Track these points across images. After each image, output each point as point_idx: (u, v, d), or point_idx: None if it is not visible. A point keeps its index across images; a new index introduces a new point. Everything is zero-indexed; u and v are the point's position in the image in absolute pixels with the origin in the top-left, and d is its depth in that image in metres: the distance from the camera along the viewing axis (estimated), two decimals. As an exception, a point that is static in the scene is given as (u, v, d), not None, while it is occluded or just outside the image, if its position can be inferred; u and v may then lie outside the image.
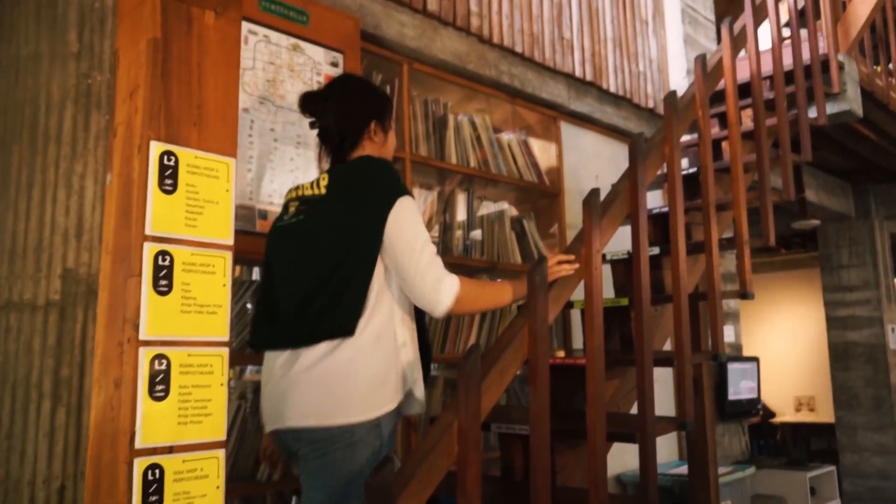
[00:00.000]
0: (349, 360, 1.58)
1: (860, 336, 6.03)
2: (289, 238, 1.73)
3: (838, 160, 5.47)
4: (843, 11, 3.82)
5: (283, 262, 1.73)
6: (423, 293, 1.64)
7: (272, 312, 1.70)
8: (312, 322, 1.60)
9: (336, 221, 1.66)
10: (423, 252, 1.64)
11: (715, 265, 2.42)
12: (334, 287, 1.60)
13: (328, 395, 1.57)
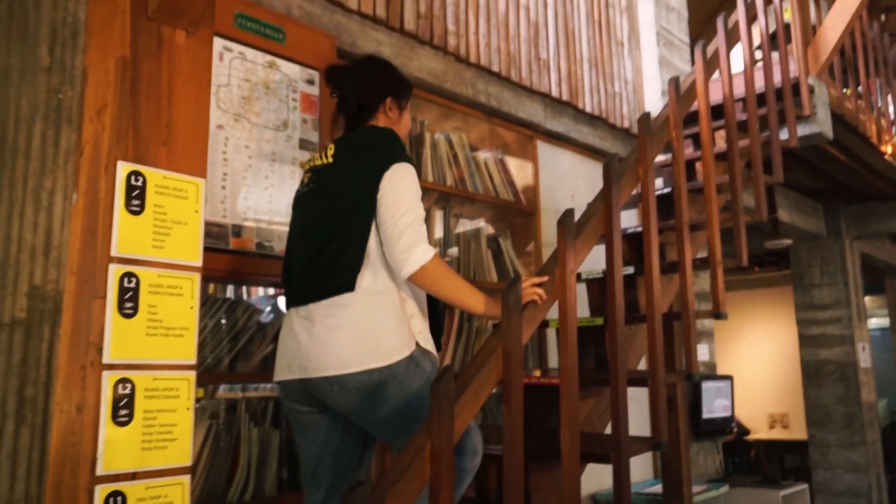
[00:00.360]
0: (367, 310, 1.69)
1: (832, 354, 6.11)
2: (301, 205, 1.86)
3: (810, 181, 5.56)
4: (813, 36, 3.89)
5: (296, 227, 1.86)
6: (395, 251, 1.68)
7: (289, 273, 1.84)
8: (316, 281, 1.71)
9: (339, 186, 1.76)
10: (406, 213, 1.70)
11: (688, 285, 2.44)
12: (335, 247, 1.71)
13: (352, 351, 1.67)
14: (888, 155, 4.87)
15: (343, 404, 1.72)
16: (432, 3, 3.07)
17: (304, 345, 1.72)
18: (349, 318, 1.69)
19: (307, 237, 1.79)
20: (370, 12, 2.81)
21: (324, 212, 1.77)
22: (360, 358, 1.66)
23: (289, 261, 1.86)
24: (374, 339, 1.68)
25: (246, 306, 2.57)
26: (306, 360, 1.71)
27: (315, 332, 1.70)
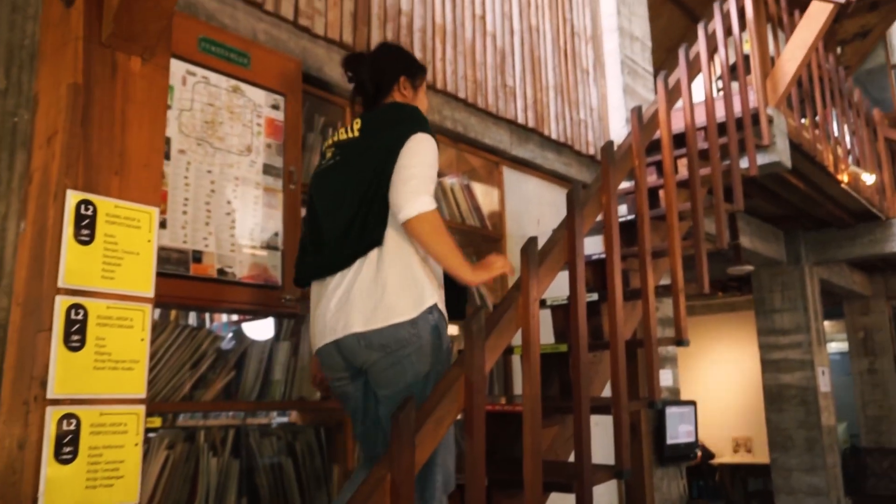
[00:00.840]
0: (391, 265, 1.82)
1: (793, 378, 6.20)
2: (328, 178, 1.96)
3: (770, 208, 5.67)
4: (771, 67, 3.99)
5: (324, 199, 1.95)
6: (399, 193, 1.78)
7: (318, 245, 1.92)
8: (355, 240, 1.83)
9: (366, 157, 1.87)
10: (418, 167, 1.81)
11: (651, 313, 2.45)
12: (365, 209, 1.83)
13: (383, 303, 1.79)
14: (844, 183, 4.99)
15: (368, 361, 1.83)
16: (399, 29, 3.09)
17: (333, 309, 1.84)
18: (379, 277, 1.81)
19: (339, 209, 1.88)
20: (336, 38, 2.82)
21: (353, 183, 1.87)
22: (380, 315, 1.79)
23: (313, 234, 1.96)
24: (394, 297, 1.80)
25: (207, 333, 2.52)
26: (335, 322, 1.84)
27: (343, 295, 1.83)
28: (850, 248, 6.24)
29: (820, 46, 4.92)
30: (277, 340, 2.66)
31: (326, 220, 1.92)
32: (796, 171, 4.57)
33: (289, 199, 2.51)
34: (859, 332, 8.82)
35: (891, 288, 8.97)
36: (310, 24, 2.72)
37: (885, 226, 6.09)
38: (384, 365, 1.82)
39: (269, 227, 2.43)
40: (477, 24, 3.53)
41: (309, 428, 2.73)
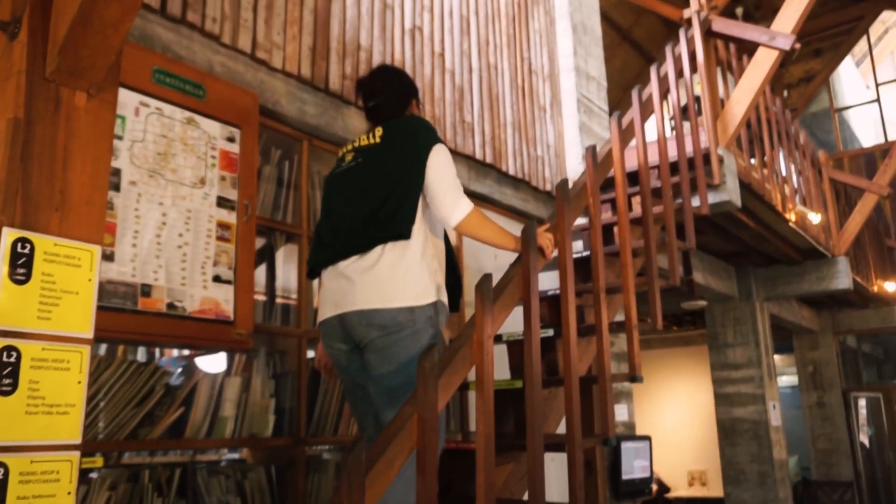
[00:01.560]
0: (405, 257, 2.06)
1: (745, 412, 6.29)
2: (349, 177, 2.22)
3: (722, 244, 5.81)
4: (721, 109, 4.11)
5: (345, 194, 2.20)
6: (443, 204, 2.11)
7: (334, 234, 2.16)
8: (378, 229, 2.07)
9: (391, 160, 2.15)
10: (449, 178, 2.15)
11: (605, 349, 2.47)
12: (392, 205, 2.08)
13: (393, 286, 2.03)
14: (792, 222, 5.14)
15: (366, 338, 2.04)
16: (358, 65, 3.10)
17: (344, 287, 2.08)
18: (394, 264, 2.05)
19: (361, 200, 2.14)
20: (295, 71, 2.82)
21: (377, 180, 2.14)
22: (396, 296, 2.02)
23: (330, 224, 2.20)
24: (410, 284, 2.04)
25: (155, 368, 2.45)
26: (341, 298, 2.08)
27: (357, 276, 2.06)
28: (798, 285, 6.41)
29: (767, 90, 5.10)
30: (228, 376, 2.61)
31: (347, 211, 2.16)
32: (746, 210, 4.69)
33: (243, 233, 2.48)
34: (808, 367, 9.02)
35: (838, 323, 9.22)
36: (267, 58, 2.72)
37: (831, 263, 6.27)
38: (380, 345, 2.02)
39: (223, 260, 2.40)
40: (436, 60, 3.57)
41: (259, 466, 2.67)
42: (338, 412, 2.92)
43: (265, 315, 2.76)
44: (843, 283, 6.22)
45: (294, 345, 2.81)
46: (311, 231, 2.90)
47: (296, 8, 2.87)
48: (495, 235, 2.20)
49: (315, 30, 2.94)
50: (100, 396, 2.20)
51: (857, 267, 7.49)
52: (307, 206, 2.91)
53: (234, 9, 2.63)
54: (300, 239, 2.85)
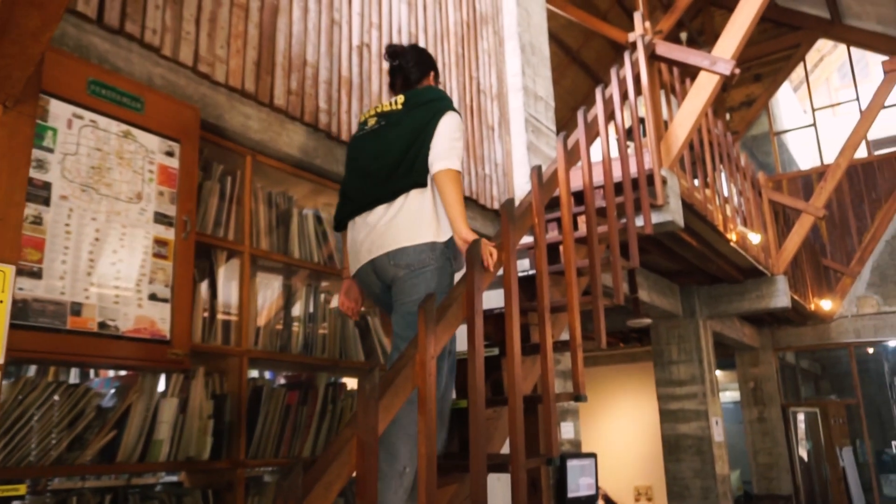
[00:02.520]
0: (425, 204, 2.43)
1: (689, 428, 6.39)
2: (373, 138, 2.58)
3: (667, 263, 5.92)
4: (665, 131, 4.20)
5: (370, 152, 2.56)
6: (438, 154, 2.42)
7: (360, 188, 2.53)
8: (399, 179, 2.44)
9: (412, 123, 2.50)
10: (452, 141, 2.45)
11: (549, 369, 2.47)
12: (410, 158, 2.44)
13: (414, 226, 2.40)
14: (733, 242, 5.27)
15: (395, 276, 2.42)
16: (304, 80, 3.07)
17: (373, 236, 2.45)
18: (414, 208, 2.41)
19: (384, 157, 2.49)
20: (238, 86, 2.77)
21: (398, 140, 2.49)
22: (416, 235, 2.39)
23: (354, 183, 2.58)
24: (428, 223, 2.41)
25: (86, 390, 2.36)
26: (371, 245, 2.45)
27: (383, 222, 2.43)
28: (739, 303, 6.57)
29: (709, 113, 5.23)
30: (164, 397, 2.52)
31: (373, 167, 2.51)
32: (689, 230, 4.79)
33: (182, 249, 2.41)
34: (750, 383, 9.24)
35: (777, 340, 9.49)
36: (210, 71, 2.66)
37: (771, 282, 6.45)
38: (406, 280, 2.40)
39: (159, 278, 2.32)
40: (384, 78, 3.55)
41: (196, 489, 2.58)
42: (279, 433, 2.85)
43: (205, 334, 2.68)
44: (782, 301, 6.40)
45: (235, 364, 2.73)
46: (253, 248, 2.84)
47: (240, 22, 2.82)
48: (455, 202, 2.38)
49: (260, 44, 2.90)
50: (24, 420, 2.10)
51: (795, 286, 7.73)
52: (250, 221, 2.85)
53: (176, 21, 2.58)
54: (242, 256, 2.79)
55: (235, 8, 2.82)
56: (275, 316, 3.00)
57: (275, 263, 3.01)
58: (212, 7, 2.72)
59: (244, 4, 2.86)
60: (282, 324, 3.01)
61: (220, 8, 2.75)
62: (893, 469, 11.50)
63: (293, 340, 3.03)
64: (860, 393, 9.64)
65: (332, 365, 3.13)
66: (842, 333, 9.33)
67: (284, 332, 3.01)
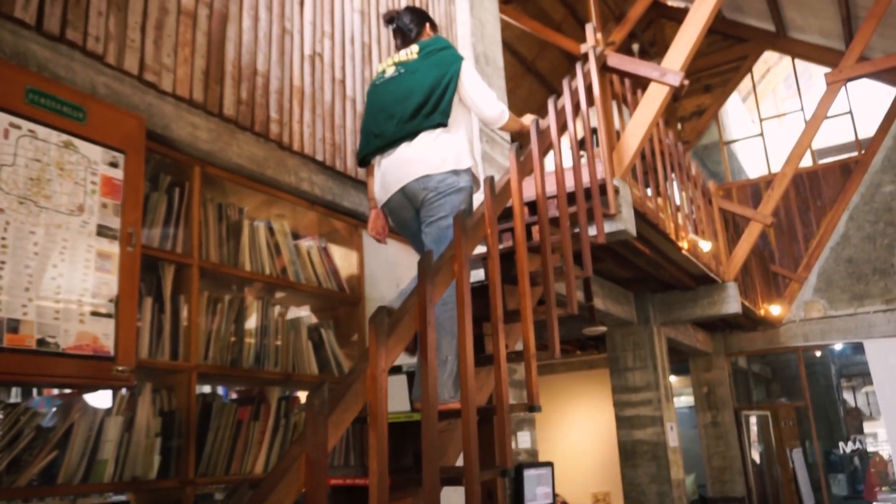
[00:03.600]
0: (446, 139, 2.82)
1: (645, 434, 6.47)
2: (395, 84, 2.94)
3: (621, 271, 5.99)
4: (617, 141, 4.25)
5: (394, 95, 2.90)
6: (491, 111, 2.97)
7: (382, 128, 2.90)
8: (424, 119, 2.81)
9: (428, 69, 2.88)
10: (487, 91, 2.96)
11: (503, 379, 2.46)
12: (433, 101, 2.82)
13: (439, 157, 2.79)
14: (685, 250, 5.36)
15: (424, 198, 2.80)
16: (254, 90, 3.03)
17: (402, 166, 2.82)
18: (437, 144, 2.81)
19: (407, 99, 2.85)
20: (186, 95, 2.71)
21: (420, 85, 2.85)
22: (441, 164, 2.78)
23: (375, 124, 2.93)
24: (450, 155, 2.81)
25: (24, 409, 2.28)
26: (401, 174, 2.82)
27: (411, 154, 2.81)
28: (692, 310, 6.68)
29: (660, 123, 5.32)
30: (109, 415, 2.44)
31: (397, 108, 2.86)
32: (642, 238, 4.86)
33: (126, 262, 2.34)
34: (703, 388, 9.40)
35: (730, 345, 9.68)
36: (157, 80, 2.61)
37: (722, 289, 6.57)
38: (434, 200, 2.78)
39: (102, 292, 2.25)
40: (337, 87, 3.53)
41: (143, 511, 2.51)
42: (230, 449, 2.79)
43: (152, 349, 2.61)
44: (733, 307, 6.53)
45: (184, 380, 2.67)
46: (202, 261, 2.79)
47: (188, 30, 2.77)
48: (514, 125, 3.12)
49: (209, 53, 2.85)
50: (-42, 443, 2.01)
51: (746, 292, 7.90)
52: (199, 234, 2.79)
53: (120, 28, 2.52)
54: (191, 269, 2.73)
55: (183, 16, 2.77)
56: (225, 330, 2.94)
57: (225, 276, 2.95)
58: (158, 15, 2.66)
59: (192, 12, 2.81)
60: (233, 337, 2.95)
61: (166, 16, 2.70)
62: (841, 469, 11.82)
63: (244, 354, 2.97)
64: (808, 395, 9.89)
65: (285, 379, 3.08)
66: (790, 337, 9.57)
67: (235, 346, 2.95)
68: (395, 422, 2.57)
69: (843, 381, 13.83)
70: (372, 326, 1.90)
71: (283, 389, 3.15)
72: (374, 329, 1.90)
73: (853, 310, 9.34)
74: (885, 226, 9.44)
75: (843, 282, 9.49)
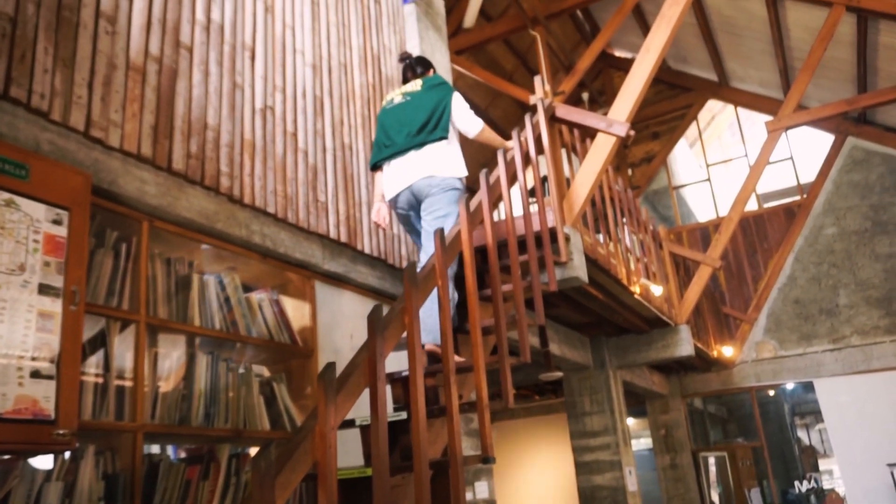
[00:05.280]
0: (446, 150, 3.49)
1: (604, 479, 6.46)
2: (402, 108, 3.63)
3: (576, 316, 6.05)
4: (567, 189, 4.34)
5: (404, 116, 3.59)
6: (470, 126, 3.62)
7: (391, 141, 3.57)
8: (428, 134, 3.49)
9: (429, 98, 3.59)
10: (469, 112, 3.64)
11: (456, 432, 2.45)
12: (434, 121, 3.51)
13: (442, 163, 3.45)
14: (637, 294, 5.44)
15: (428, 194, 3.44)
16: (204, 143, 3.03)
17: (410, 169, 3.48)
18: (440, 153, 3.48)
19: (414, 119, 3.54)
20: (134, 150, 2.70)
21: (423, 109, 3.55)
22: (444, 169, 3.45)
23: (386, 138, 3.61)
24: (450, 163, 3.48)
25: (-42, 477, 2.18)
26: (410, 174, 3.47)
27: (419, 160, 3.47)
28: (647, 353, 6.76)
29: (610, 170, 5.46)
30: (49, 481, 2.35)
31: (405, 126, 3.55)
32: (595, 283, 4.93)
33: (69, 321, 2.29)
34: (661, 430, 9.46)
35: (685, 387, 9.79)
36: (104, 136, 2.59)
37: (675, 331, 6.68)
38: (437, 195, 3.42)
39: (43, 353, 2.19)
40: (288, 140, 3.55)
41: (84, 580, 2.40)
42: (181, 499, 2.70)
43: (96, 410, 2.53)
44: (686, 349, 6.63)
45: (129, 440, 2.59)
46: (149, 317, 2.74)
47: (136, 86, 2.77)
48: (493, 140, 3.71)
49: (158, 108, 2.85)
50: None
51: (698, 334, 8.04)
52: (146, 289, 2.75)
53: (67, 85, 2.50)
54: (138, 325, 2.68)
55: (132, 72, 2.77)
56: (174, 387, 2.87)
57: (174, 332, 2.90)
58: (106, 71, 2.66)
59: (141, 68, 2.81)
60: (181, 395, 2.88)
61: (115, 72, 2.70)
62: (798, 507, 11.92)
63: (193, 411, 2.90)
64: (763, 435, 10.03)
65: (236, 435, 3.01)
66: (744, 378, 9.73)
67: (184, 404, 2.88)
68: (347, 478, 2.53)
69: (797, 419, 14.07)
70: (320, 383, 1.89)
71: (233, 446, 3.08)
72: (323, 386, 1.89)
73: (802, 350, 9.56)
74: (828, 267, 9.75)
75: (792, 322, 9.74)
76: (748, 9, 8.78)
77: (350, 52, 4.31)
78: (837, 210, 9.92)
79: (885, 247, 9.47)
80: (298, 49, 3.82)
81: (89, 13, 2.64)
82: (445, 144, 3.50)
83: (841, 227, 9.82)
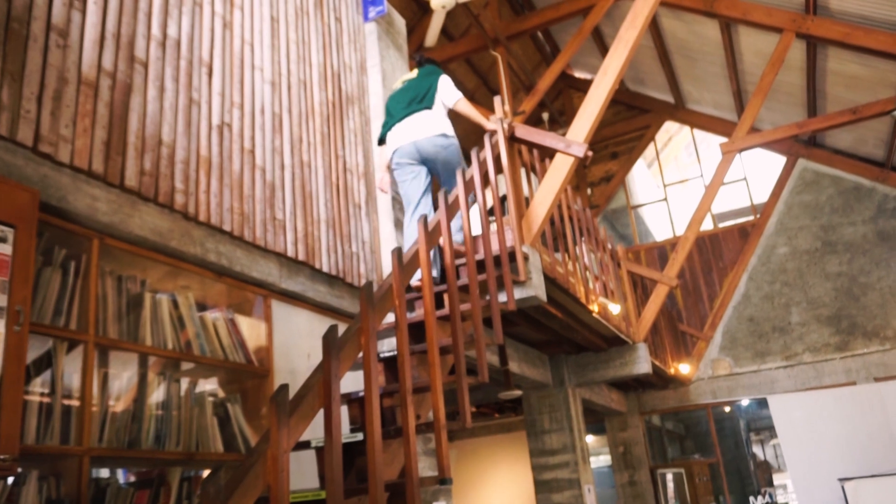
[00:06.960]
0: (432, 115, 4.32)
1: (563, 498, 6.47)
2: (401, 92, 4.46)
3: (535, 334, 6.07)
4: (526, 209, 4.37)
5: (404, 97, 4.41)
6: (451, 97, 4.38)
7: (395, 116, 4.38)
8: (416, 105, 4.32)
9: (424, 82, 4.43)
10: (453, 89, 4.43)
11: (412, 453, 2.43)
12: (422, 96, 4.35)
13: (434, 124, 4.28)
14: (595, 313, 5.49)
15: (433, 152, 4.24)
16: (159, 160, 2.98)
17: (413, 129, 4.27)
18: (428, 116, 4.30)
19: (411, 96, 4.38)
20: (85, 166, 2.64)
21: (417, 91, 4.38)
22: (442, 130, 4.26)
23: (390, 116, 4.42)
24: (438, 123, 4.28)
25: None
26: (415, 132, 4.26)
27: (412, 123, 4.29)
28: (605, 371, 6.81)
29: (569, 189, 5.51)
30: (-12, 508, 2.27)
31: (405, 102, 4.37)
32: (553, 302, 4.96)
33: (12, 343, 2.21)
34: (619, 447, 9.53)
35: (643, 404, 9.89)
36: (53, 152, 2.53)
37: (633, 349, 6.75)
38: (443, 155, 4.23)
39: (-16, 375, 2.11)
40: (246, 157, 3.51)
41: None
42: (126, 538, 2.62)
43: (40, 434, 2.45)
44: (644, 367, 6.70)
45: (74, 465, 2.51)
46: (98, 336, 2.67)
47: (88, 100, 2.72)
48: (473, 112, 4.36)
49: (111, 123, 2.80)
50: None
51: (656, 352, 8.14)
52: (95, 308, 2.68)
53: (14, 99, 2.44)
54: (86, 345, 2.61)
55: (83, 86, 2.72)
56: (123, 408, 2.80)
57: (124, 352, 2.83)
58: (56, 85, 2.61)
59: (93, 83, 2.76)
60: (131, 416, 2.81)
61: (66, 86, 2.64)
62: (754, 523, 12.08)
63: (144, 433, 2.83)
64: (719, 450, 10.16)
65: (188, 458, 2.94)
66: (700, 395, 9.88)
67: (134, 426, 2.81)
68: (300, 501, 2.49)
69: (752, 435, 14.31)
70: (272, 405, 1.86)
71: (185, 469, 3.00)
72: (276, 408, 1.86)
73: (757, 366, 9.75)
74: (781, 286, 9.98)
75: (746, 339, 9.93)
76: (703, 33, 9.01)
77: (310, 69, 4.30)
78: (789, 230, 10.18)
79: (835, 266, 9.74)
80: (257, 65, 3.79)
81: (40, 26, 2.59)
82: (430, 112, 4.32)
83: (793, 247, 10.08)
